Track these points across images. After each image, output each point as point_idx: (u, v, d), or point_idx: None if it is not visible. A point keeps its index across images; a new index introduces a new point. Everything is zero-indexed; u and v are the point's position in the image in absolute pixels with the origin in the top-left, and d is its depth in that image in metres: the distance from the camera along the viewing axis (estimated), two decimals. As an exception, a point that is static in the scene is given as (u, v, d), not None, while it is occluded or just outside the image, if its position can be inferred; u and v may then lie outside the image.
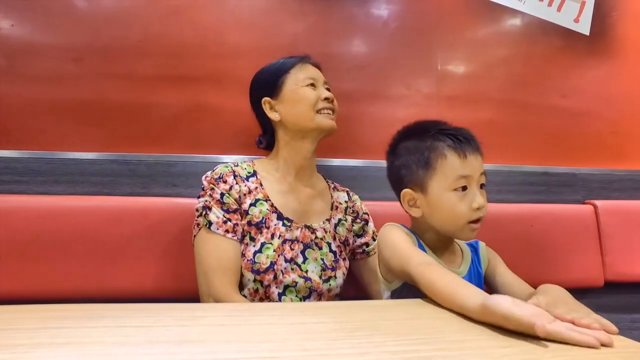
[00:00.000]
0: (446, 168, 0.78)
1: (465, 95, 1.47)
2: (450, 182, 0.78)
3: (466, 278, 0.84)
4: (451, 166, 0.78)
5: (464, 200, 0.78)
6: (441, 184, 0.79)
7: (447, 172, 0.78)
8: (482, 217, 0.80)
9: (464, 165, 0.78)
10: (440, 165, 0.79)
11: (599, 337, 0.50)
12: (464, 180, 0.78)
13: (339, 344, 0.50)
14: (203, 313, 0.63)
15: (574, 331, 0.50)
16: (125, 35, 1.22)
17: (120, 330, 0.52)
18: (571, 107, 1.56)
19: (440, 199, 0.79)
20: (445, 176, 0.79)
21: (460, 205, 0.78)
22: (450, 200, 0.78)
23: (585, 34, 1.57)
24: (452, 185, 0.78)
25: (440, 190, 0.79)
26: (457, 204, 0.78)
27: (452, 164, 0.78)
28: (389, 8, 1.42)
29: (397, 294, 0.84)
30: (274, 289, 0.93)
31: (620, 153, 1.59)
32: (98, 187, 1.15)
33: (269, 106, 1.03)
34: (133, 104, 1.22)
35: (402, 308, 0.68)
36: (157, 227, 1.08)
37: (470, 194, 0.79)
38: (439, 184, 0.79)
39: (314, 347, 0.48)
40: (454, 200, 0.78)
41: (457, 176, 0.78)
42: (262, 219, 0.95)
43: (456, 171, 0.78)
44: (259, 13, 1.32)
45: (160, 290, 1.07)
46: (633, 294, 1.42)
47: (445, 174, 0.78)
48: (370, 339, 0.52)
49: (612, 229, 1.39)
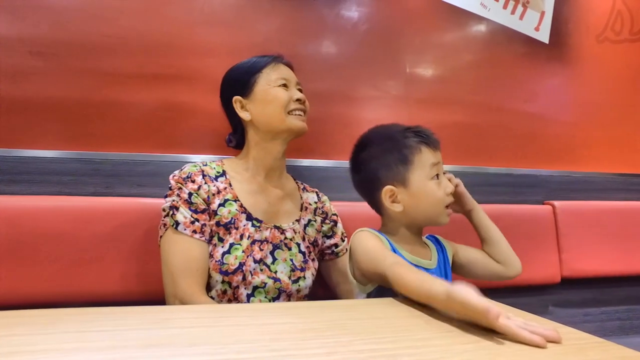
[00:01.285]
0: (423, 160, 0.88)
1: (433, 98, 1.51)
2: (427, 172, 0.88)
3: (437, 269, 0.90)
4: (426, 158, 0.88)
5: (439, 187, 0.89)
6: (421, 175, 0.88)
7: (425, 164, 0.88)
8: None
9: (435, 156, 0.89)
10: (418, 159, 0.88)
11: (549, 335, 0.52)
12: (435, 169, 0.88)
13: (307, 344, 0.50)
14: (169, 315, 0.61)
15: (525, 330, 0.52)
16: (90, 30, 1.17)
17: (80, 335, 0.50)
18: (533, 112, 1.63)
19: (423, 188, 0.88)
20: (423, 168, 0.88)
21: (437, 193, 0.88)
22: (432, 188, 0.88)
23: (545, 42, 1.65)
24: (429, 174, 0.88)
25: (422, 180, 0.88)
26: (436, 191, 0.88)
27: (427, 156, 0.88)
28: (359, 10, 1.44)
29: (372, 297, 0.85)
30: (243, 290, 0.92)
31: (576, 156, 1.68)
32: (59, 186, 1.10)
33: (240, 105, 1.01)
34: (97, 101, 1.17)
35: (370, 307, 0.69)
36: (122, 228, 1.05)
37: (443, 182, 0.90)
38: (419, 176, 0.88)
39: (282, 348, 0.48)
40: (435, 188, 0.88)
41: (430, 164, 0.88)
42: (231, 219, 0.94)
43: (429, 160, 0.88)
44: (229, 11, 1.30)
45: (125, 293, 1.04)
46: (586, 289, 1.50)
47: (423, 165, 0.88)
48: (338, 338, 0.52)
49: (568, 228, 1.46)
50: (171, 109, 1.23)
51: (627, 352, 0.50)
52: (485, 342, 0.52)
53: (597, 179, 1.63)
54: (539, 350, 0.50)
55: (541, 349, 0.50)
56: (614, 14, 1.74)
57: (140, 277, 1.04)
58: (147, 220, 1.06)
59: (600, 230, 1.49)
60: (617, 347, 0.51)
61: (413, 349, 0.49)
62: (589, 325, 1.49)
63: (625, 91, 1.75)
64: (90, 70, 1.17)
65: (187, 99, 1.24)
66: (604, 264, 1.47)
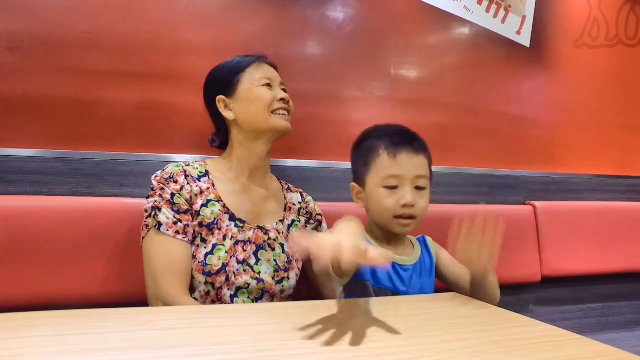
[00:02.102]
0: (378, 166, 0.87)
1: (418, 99, 1.53)
2: (380, 179, 0.86)
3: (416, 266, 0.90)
4: (382, 165, 0.86)
5: (392, 197, 0.85)
6: (374, 180, 0.87)
7: (379, 170, 0.86)
8: (415, 216, 0.86)
9: (394, 165, 0.85)
10: (374, 163, 0.87)
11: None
12: (394, 180, 0.85)
13: (292, 345, 0.50)
14: (151, 317, 0.60)
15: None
16: (69, 25, 1.15)
17: (59, 339, 0.49)
18: (514, 114, 1.66)
19: (372, 193, 0.87)
20: (377, 173, 0.86)
21: (387, 201, 0.85)
22: (379, 195, 0.86)
23: (526, 45, 1.68)
24: (382, 182, 0.85)
25: (373, 185, 0.87)
26: (384, 199, 0.85)
27: (383, 163, 0.86)
28: (344, 11, 1.44)
29: (347, 288, 0.87)
30: (226, 291, 0.91)
31: (555, 158, 1.72)
32: (37, 186, 1.07)
33: (224, 105, 1.01)
34: (78, 99, 1.15)
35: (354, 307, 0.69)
36: (103, 229, 1.03)
37: (401, 192, 0.85)
38: (372, 180, 0.87)
39: (267, 348, 0.48)
40: (382, 196, 0.85)
41: (386, 175, 0.85)
42: (213, 220, 0.93)
43: (386, 170, 0.85)
44: (214, 10, 1.29)
45: (106, 295, 1.01)
46: (565, 288, 1.54)
47: (377, 171, 0.86)
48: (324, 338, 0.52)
49: (548, 228, 1.50)
50: (154, 108, 1.21)
51: (603, 348, 0.51)
52: (469, 341, 0.53)
53: (575, 180, 1.67)
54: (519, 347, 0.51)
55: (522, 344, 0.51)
56: (590, 20, 1.79)
57: (122, 279, 1.02)
58: (129, 220, 1.04)
59: (578, 230, 1.53)
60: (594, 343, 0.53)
61: (398, 348, 0.50)
62: (568, 322, 1.53)
63: (601, 95, 1.80)
64: (71, 68, 1.14)
65: (171, 98, 1.23)
66: (581, 263, 1.51)
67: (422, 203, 0.86)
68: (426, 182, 0.88)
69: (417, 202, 0.85)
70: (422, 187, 0.87)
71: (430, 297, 0.82)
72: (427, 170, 0.88)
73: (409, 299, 0.82)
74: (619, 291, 1.60)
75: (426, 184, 0.88)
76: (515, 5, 1.67)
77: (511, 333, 0.57)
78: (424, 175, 0.87)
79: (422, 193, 0.87)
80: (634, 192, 1.75)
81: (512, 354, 0.49)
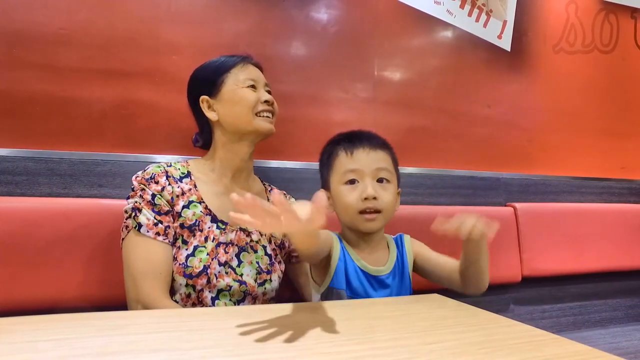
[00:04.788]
0: (337, 165, 0.88)
1: (401, 101, 1.54)
2: (340, 176, 0.86)
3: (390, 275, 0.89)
4: (340, 162, 0.87)
5: (353, 192, 0.85)
6: (335, 179, 0.88)
7: (338, 168, 0.87)
8: (380, 209, 0.84)
9: (351, 161, 0.86)
10: (334, 163, 0.88)
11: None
12: (352, 174, 0.86)
13: (272, 348, 0.49)
14: (128, 321, 0.59)
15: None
16: (44, 20, 1.11)
17: (30, 345, 0.47)
18: (495, 117, 1.69)
19: (335, 193, 0.88)
20: (337, 172, 0.87)
21: (349, 196, 0.85)
22: (341, 193, 0.86)
23: (507, 49, 1.71)
24: (342, 179, 0.86)
25: (335, 184, 0.88)
26: (345, 196, 0.85)
27: (341, 161, 0.87)
28: (328, 12, 1.44)
29: (324, 296, 0.87)
30: (207, 293, 0.90)
31: (534, 160, 1.75)
32: (9, 186, 1.04)
33: (207, 105, 0.99)
34: (53, 97, 1.12)
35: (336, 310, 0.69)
36: (80, 230, 1.00)
37: (361, 187, 0.85)
38: (334, 180, 0.88)
39: (246, 352, 0.47)
40: (344, 193, 0.86)
41: (344, 170, 0.86)
42: (195, 221, 0.92)
43: (344, 166, 0.86)
44: (197, 8, 1.28)
45: (84, 298, 0.99)
46: (544, 287, 1.57)
47: (337, 169, 0.88)
48: (304, 341, 0.52)
49: (528, 228, 1.52)
50: (134, 107, 1.19)
51: (578, 347, 0.52)
52: (451, 342, 0.53)
53: (552, 182, 1.71)
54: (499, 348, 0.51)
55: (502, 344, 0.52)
56: (568, 27, 1.84)
57: (101, 282, 1.00)
58: (108, 222, 1.01)
59: (556, 231, 1.56)
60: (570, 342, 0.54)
61: (380, 350, 0.49)
62: (546, 321, 1.56)
63: (578, 99, 1.84)
64: (46, 64, 1.11)
65: (151, 98, 1.20)
66: (559, 263, 1.54)
67: (385, 196, 0.85)
68: (389, 175, 0.87)
69: (380, 195, 0.84)
70: (385, 179, 0.86)
71: (411, 298, 0.83)
72: (388, 163, 0.88)
73: (390, 301, 0.82)
74: (594, 290, 1.65)
75: (390, 177, 0.87)
76: (496, 10, 1.70)
77: (491, 334, 0.58)
78: (384, 168, 0.86)
79: (385, 186, 0.86)
80: (608, 193, 1.80)
81: (492, 354, 0.49)
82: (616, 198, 1.81)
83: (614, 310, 1.68)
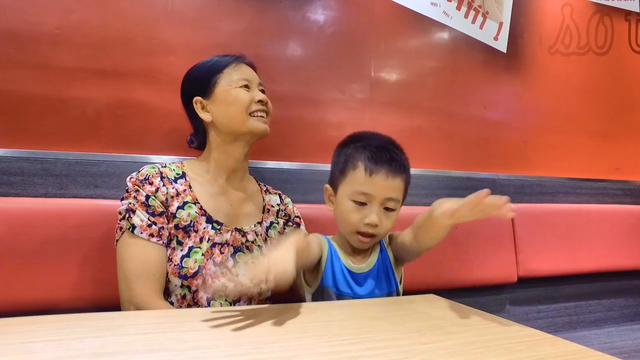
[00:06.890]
0: (352, 178, 0.85)
1: (397, 102, 1.54)
2: (351, 191, 0.85)
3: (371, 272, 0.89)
4: (356, 179, 0.84)
5: (358, 213, 0.84)
6: (345, 190, 0.86)
7: (352, 183, 0.85)
8: (376, 235, 0.85)
9: (367, 183, 0.83)
10: (350, 174, 0.86)
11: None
12: (363, 197, 0.84)
13: (269, 348, 0.49)
14: (123, 322, 0.59)
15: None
16: (39, 20, 1.11)
17: (25, 346, 0.47)
18: (491, 118, 1.70)
19: (340, 203, 0.87)
20: (349, 185, 0.85)
21: (352, 215, 0.85)
22: (346, 208, 0.85)
23: (503, 51, 1.72)
24: (352, 196, 0.84)
25: (343, 195, 0.87)
26: (350, 213, 0.85)
27: (357, 177, 0.84)
28: (324, 13, 1.45)
29: (315, 295, 0.88)
30: (203, 294, 0.89)
31: (529, 161, 1.76)
32: (4, 187, 1.03)
33: (201, 106, 0.99)
34: (48, 97, 1.11)
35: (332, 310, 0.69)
36: (75, 231, 1.00)
37: (367, 210, 0.84)
38: (343, 190, 0.87)
39: (242, 352, 0.47)
40: (349, 209, 0.85)
41: (357, 190, 0.84)
42: (190, 222, 0.92)
43: (358, 185, 0.84)
44: (192, 9, 1.27)
45: (79, 299, 0.98)
46: (539, 288, 1.58)
47: (350, 183, 0.85)
48: (300, 341, 0.52)
49: (524, 229, 1.53)
50: (129, 107, 1.19)
51: (573, 347, 0.52)
52: (446, 342, 0.53)
53: (548, 182, 1.72)
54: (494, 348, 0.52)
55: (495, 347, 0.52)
56: (563, 29, 1.85)
57: (95, 283, 0.99)
58: (102, 222, 1.01)
59: (552, 232, 1.57)
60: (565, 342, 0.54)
61: (375, 350, 0.50)
62: (541, 321, 1.57)
63: (574, 100, 1.86)
64: (41, 64, 1.11)
65: (147, 98, 1.20)
66: (555, 263, 1.55)
67: (386, 223, 0.85)
68: (396, 205, 0.86)
69: (382, 223, 0.84)
70: (391, 208, 0.86)
71: (406, 298, 0.83)
72: (400, 193, 0.87)
73: (385, 301, 0.82)
74: (589, 290, 1.66)
75: (395, 206, 0.87)
76: (492, 12, 1.70)
77: (486, 334, 0.58)
78: (394, 198, 0.85)
79: (389, 214, 0.86)
80: (602, 194, 1.81)
81: (487, 354, 0.50)
82: (611, 199, 1.82)
83: (609, 310, 1.69)
